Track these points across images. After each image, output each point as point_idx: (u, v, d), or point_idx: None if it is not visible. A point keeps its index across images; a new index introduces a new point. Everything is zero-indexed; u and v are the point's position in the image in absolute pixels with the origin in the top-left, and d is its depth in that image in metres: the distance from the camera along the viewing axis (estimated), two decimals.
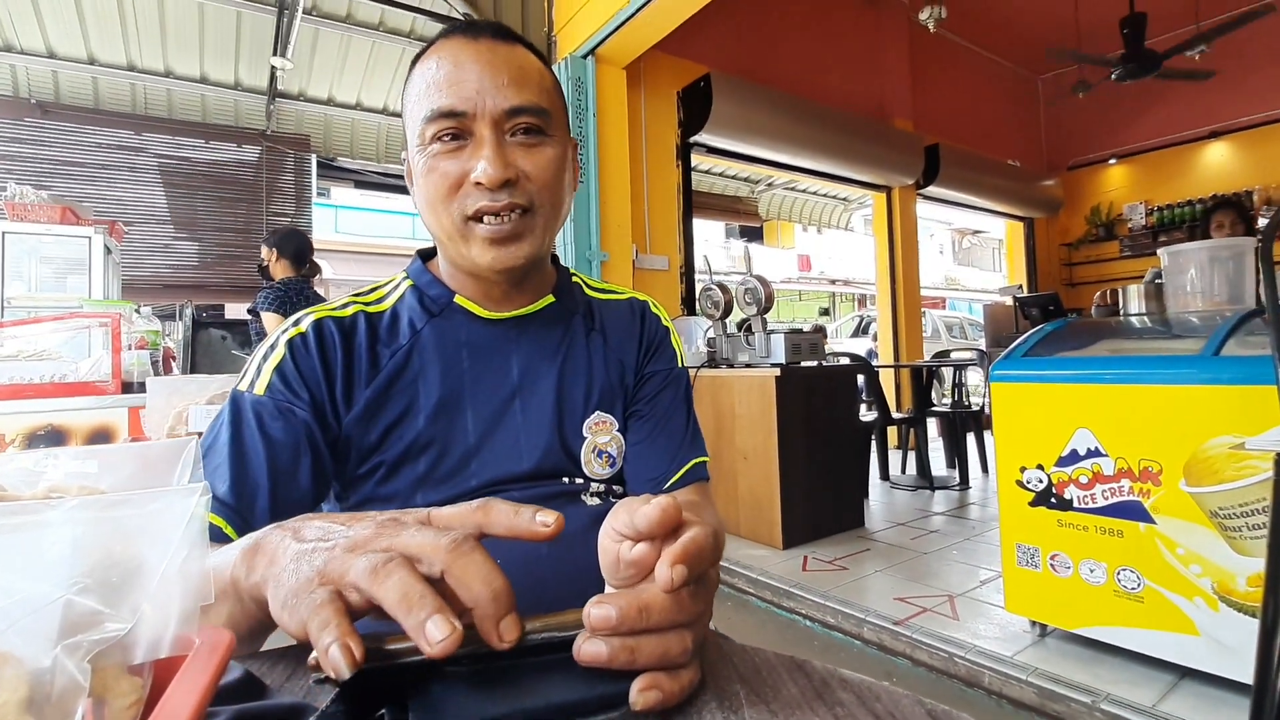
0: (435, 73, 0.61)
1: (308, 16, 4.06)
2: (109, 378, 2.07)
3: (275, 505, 0.59)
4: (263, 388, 0.62)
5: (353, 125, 5.17)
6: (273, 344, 0.64)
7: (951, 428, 4.02)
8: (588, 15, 3.43)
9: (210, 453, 0.60)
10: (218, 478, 0.58)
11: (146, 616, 0.25)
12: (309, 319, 0.66)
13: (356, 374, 0.65)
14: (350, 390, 0.65)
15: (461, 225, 0.62)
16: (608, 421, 0.73)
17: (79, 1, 3.83)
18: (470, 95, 0.60)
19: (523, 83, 0.62)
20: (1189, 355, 1.63)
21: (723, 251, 15.09)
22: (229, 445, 0.60)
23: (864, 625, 2.10)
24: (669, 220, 4.04)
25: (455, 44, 0.63)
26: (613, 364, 0.76)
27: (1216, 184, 6.23)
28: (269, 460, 0.59)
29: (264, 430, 0.60)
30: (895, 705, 0.33)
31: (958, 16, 5.23)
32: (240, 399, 0.62)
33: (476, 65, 0.61)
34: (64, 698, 0.22)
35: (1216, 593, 1.51)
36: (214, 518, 0.56)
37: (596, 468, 0.71)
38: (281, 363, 0.63)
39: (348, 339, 0.66)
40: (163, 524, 0.27)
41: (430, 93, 0.61)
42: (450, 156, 0.61)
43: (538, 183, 0.63)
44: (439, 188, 0.61)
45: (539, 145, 0.63)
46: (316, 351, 0.64)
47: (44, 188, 3.21)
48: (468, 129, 0.61)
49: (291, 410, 0.61)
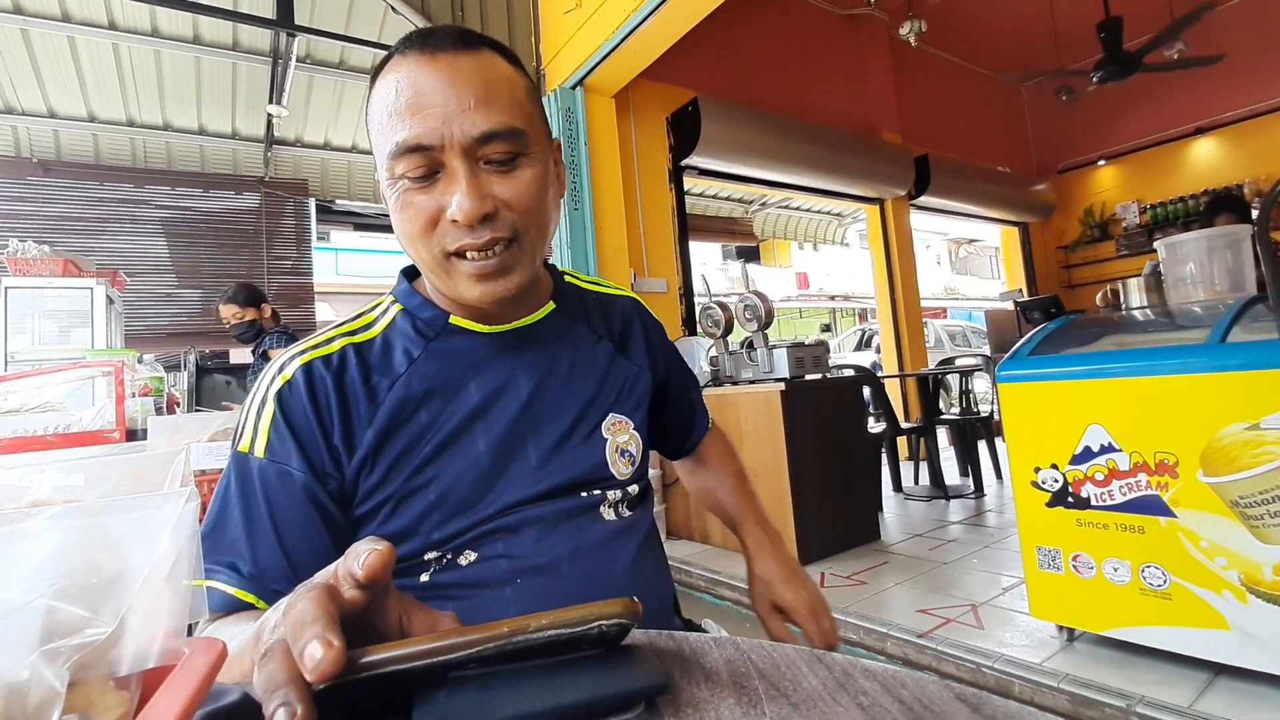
0: (395, 99, 0.56)
1: (301, 64, 4.16)
2: (113, 426, 2.06)
3: (297, 568, 0.57)
4: (262, 449, 0.59)
5: (349, 167, 5.26)
6: (263, 398, 0.61)
7: (962, 435, 3.98)
8: (575, 47, 3.51)
9: (224, 523, 0.58)
10: (236, 552, 0.56)
11: (132, 624, 0.24)
12: (294, 364, 0.61)
13: (355, 416, 0.61)
14: (350, 435, 0.60)
15: (443, 260, 0.59)
16: (624, 421, 0.72)
17: (78, 61, 3.93)
18: (435, 126, 0.55)
19: (491, 101, 0.57)
20: (1195, 344, 1.61)
21: (721, 273, 15.18)
22: (241, 516, 0.57)
23: (887, 640, 2.05)
24: (665, 243, 4.07)
25: (413, 62, 0.57)
26: (621, 365, 0.76)
27: (1207, 179, 6.27)
28: (284, 526, 0.57)
29: (271, 497, 0.58)
30: (922, 691, 0.32)
31: (938, 30, 5.33)
32: (245, 463, 0.59)
33: (439, 87, 0.56)
34: (40, 707, 0.21)
35: (1244, 584, 1.47)
36: (241, 593, 0.55)
37: (621, 466, 0.70)
38: (274, 421, 0.59)
39: (339, 379, 0.61)
40: (148, 530, 0.26)
41: (393, 123, 0.56)
42: (422, 192, 0.57)
43: (519, 209, 0.58)
44: (415, 224, 0.58)
45: (515, 169, 0.58)
46: (308, 400, 0.60)
47: (47, 243, 3.25)
48: (437, 161, 0.56)
49: (290, 473, 0.58)
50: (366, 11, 3.97)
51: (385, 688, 0.31)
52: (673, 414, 0.88)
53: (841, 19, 5.40)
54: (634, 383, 0.76)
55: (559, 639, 0.31)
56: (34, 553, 0.24)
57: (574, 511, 0.65)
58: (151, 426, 1.37)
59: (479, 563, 0.61)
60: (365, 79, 4.54)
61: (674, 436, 0.90)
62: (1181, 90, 6.09)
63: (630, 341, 0.79)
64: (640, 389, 0.76)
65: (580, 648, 0.33)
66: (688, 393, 0.90)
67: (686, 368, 0.90)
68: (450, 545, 0.61)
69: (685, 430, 0.91)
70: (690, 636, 0.41)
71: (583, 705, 0.31)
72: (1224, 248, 1.97)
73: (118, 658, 0.24)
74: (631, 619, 0.32)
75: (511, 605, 0.60)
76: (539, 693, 0.31)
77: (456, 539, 0.61)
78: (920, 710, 0.30)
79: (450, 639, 0.30)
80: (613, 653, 0.34)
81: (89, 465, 0.31)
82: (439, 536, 0.60)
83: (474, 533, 0.61)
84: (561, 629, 0.31)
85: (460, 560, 0.61)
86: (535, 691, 0.31)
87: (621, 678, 0.32)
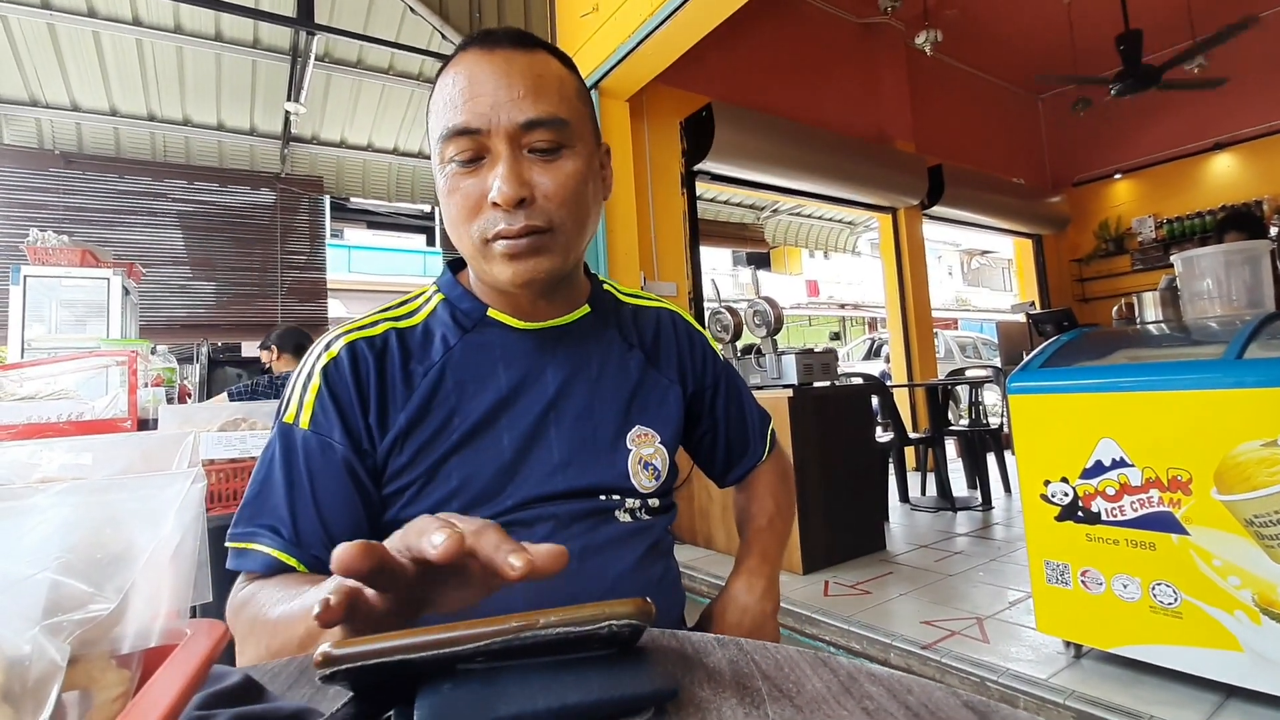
0: (452, 88, 0.60)
1: (320, 62, 4.20)
2: (125, 414, 2.08)
3: (333, 537, 0.59)
4: (306, 421, 0.62)
5: (364, 166, 5.31)
6: (309, 373, 0.64)
7: (970, 447, 3.95)
8: (591, 50, 3.52)
9: (268, 490, 0.60)
10: (278, 517, 0.59)
11: (134, 602, 0.24)
12: (340, 341, 0.64)
13: (391, 398, 0.63)
14: (385, 415, 0.63)
15: (482, 246, 0.61)
16: (650, 434, 0.72)
17: (102, 56, 3.99)
18: (484, 111, 0.58)
19: (540, 93, 0.59)
20: (1212, 359, 1.59)
21: (730, 279, 15.16)
22: (284, 483, 0.60)
23: (890, 650, 2.03)
24: (676, 247, 4.07)
25: (471, 57, 0.61)
26: (654, 379, 0.75)
27: (1225, 195, 6.20)
28: (323, 495, 0.60)
29: (313, 467, 0.60)
30: (929, 698, 0.31)
31: (954, 40, 5.31)
32: (290, 433, 0.62)
33: (492, 78, 0.59)
34: (40, 683, 0.21)
35: (1258, 605, 1.45)
36: (283, 555, 0.57)
37: (644, 479, 0.70)
38: (319, 394, 0.62)
39: (380, 360, 0.64)
40: (154, 509, 0.26)
41: (447, 110, 0.60)
42: (468, 175, 0.60)
43: (555, 200, 0.60)
44: (460, 208, 0.60)
45: (557, 160, 0.60)
46: (351, 377, 0.63)
47: (66, 233, 3.29)
48: (484, 146, 0.59)
49: (331, 445, 0.61)
50: (385, 11, 4.01)
51: (391, 676, 0.31)
52: (712, 435, 0.84)
53: (857, 27, 5.39)
54: (663, 396, 0.75)
55: (569, 637, 0.31)
56: (40, 527, 0.24)
57: (589, 513, 0.66)
58: (163, 415, 1.38)
59: None
60: (382, 78, 4.59)
61: (719, 462, 0.86)
62: (1201, 105, 6.03)
63: (661, 352, 0.78)
64: (670, 403, 0.76)
65: (590, 647, 0.33)
66: (740, 420, 0.85)
67: (741, 393, 0.86)
68: None
69: (729, 459, 0.86)
70: (693, 636, 0.41)
71: (589, 706, 0.30)
72: (1242, 263, 1.95)
73: (120, 635, 0.24)
74: (644, 620, 0.32)
75: (519, 599, 0.60)
76: (545, 691, 0.30)
77: None
78: (927, 716, 0.30)
79: (459, 631, 0.30)
80: (624, 654, 0.34)
81: (98, 445, 0.31)
82: None
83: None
84: (571, 627, 0.31)
85: None
86: (541, 689, 0.30)
87: (630, 681, 0.31)
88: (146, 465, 0.31)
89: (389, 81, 4.61)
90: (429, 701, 0.30)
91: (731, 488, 0.90)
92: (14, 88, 4.04)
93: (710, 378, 0.83)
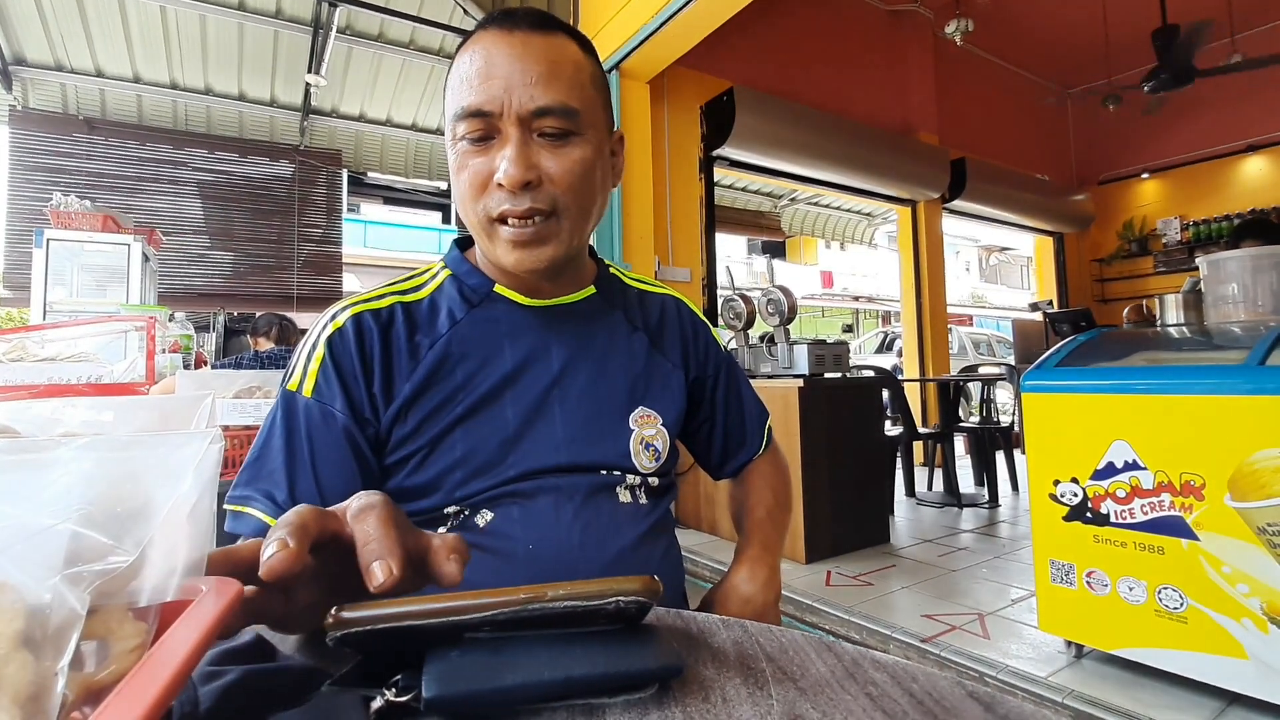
0: (468, 67, 0.61)
1: (341, 35, 4.18)
2: (143, 379, 2.11)
3: (329, 505, 0.58)
4: (309, 389, 0.62)
5: (383, 140, 5.30)
6: (314, 342, 0.64)
7: (980, 444, 3.92)
8: (612, 30, 3.48)
9: (266, 454, 0.61)
10: (274, 482, 0.59)
11: (152, 557, 0.25)
12: (346, 313, 0.65)
13: (396, 368, 0.64)
14: (389, 385, 0.64)
15: (488, 225, 0.62)
16: (653, 416, 0.72)
17: (127, 23, 3.99)
18: (497, 94, 0.59)
19: (553, 79, 0.60)
20: (1232, 365, 1.57)
21: (745, 267, 15.07)
22: (284, 449, 0.60)
23: (890, 642, 2.04)
24: (691, 233, 4.04)
25: (490, 37, 0.61)
26: (658, 362, 0.76)
27: (1254, 199, 6.06)
28: (322, 463, 0.60)
29: (313, 434, 0.61)
30: (933, 686, 0.31)
31: (984, 30, 5.19)
32: (293, 401, 0.62)
33: (508, 61, 0.59)
34: (60, 630, 0.21)
35: (1266, 614, 1.44)
36: (274, 521, 0.57)
37: (645, 459, 0.70)
38: (322, 364, 0.63)
39: (385, 332, 0.65)
40: (172, 467, 0.27)
41: (462, 89, 0.60)
42: (478, 154, 0.61)
43: (561, 185, 0.61)
44: (469, 186, 0.61)
45: (565, 145, 0.61)
46: (355, 348, 0.63)
47: (88, 198, 3.32)
48: (495, 127, 0.60)
49: (333, 414, 0.62)
50: None
51: (400, 641, 0.31)
52: (710, 425, 0.84)
53: (885, 15, 5.29)
54: (667, 379, 0.76)
55: (575, 610, 0.31)
56: (62, 479, 0.24)
57: (591, 488, 0.67)
58: (180, 380, 1.40)
59: (494, 524, 0.63)
60: (403, 52, 4.56)
61: (716, 453, 0.86)
62: (1233, 106, 5.88)
63: (666, 337, 0.78)
64: (674, 387, 0.76)
65: (597, 621, 0.33)
66: (739, 411, 0.85)
67: (741, 385, 0.86)
68: (469, 503, 0.63)
69: (726, 450, 0.85)
70: (698, 616, 0.41)
71: (593, 679, 0.30)
72: (1270, 268, 1.91)
73: (137, 589, 0.24)
74: (651, 597, 0.32)
75: (520, 569, 0.62)
76: (550, 663, 0.31)
77: (475, 498, 0.63)
78: (931, 704, 0.30)
79: (467, 600, 0.30)
80: (630, 630, 0.34)
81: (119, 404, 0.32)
82: (460, 494, 0.63)
83: (492, 493, 0.63)
84: (579, 601, 0.31)
85: (477, 520, 0.63)
86: (547, 661, 0.31)
87: (635, 656, 0.32)
88: (165, 426, 0.32)
89: (409, 56, 4.59)
90: (436, 668, 0.30)
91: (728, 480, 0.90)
92: (40, 52, 4.06)
93: (712, 367, 0.83)
